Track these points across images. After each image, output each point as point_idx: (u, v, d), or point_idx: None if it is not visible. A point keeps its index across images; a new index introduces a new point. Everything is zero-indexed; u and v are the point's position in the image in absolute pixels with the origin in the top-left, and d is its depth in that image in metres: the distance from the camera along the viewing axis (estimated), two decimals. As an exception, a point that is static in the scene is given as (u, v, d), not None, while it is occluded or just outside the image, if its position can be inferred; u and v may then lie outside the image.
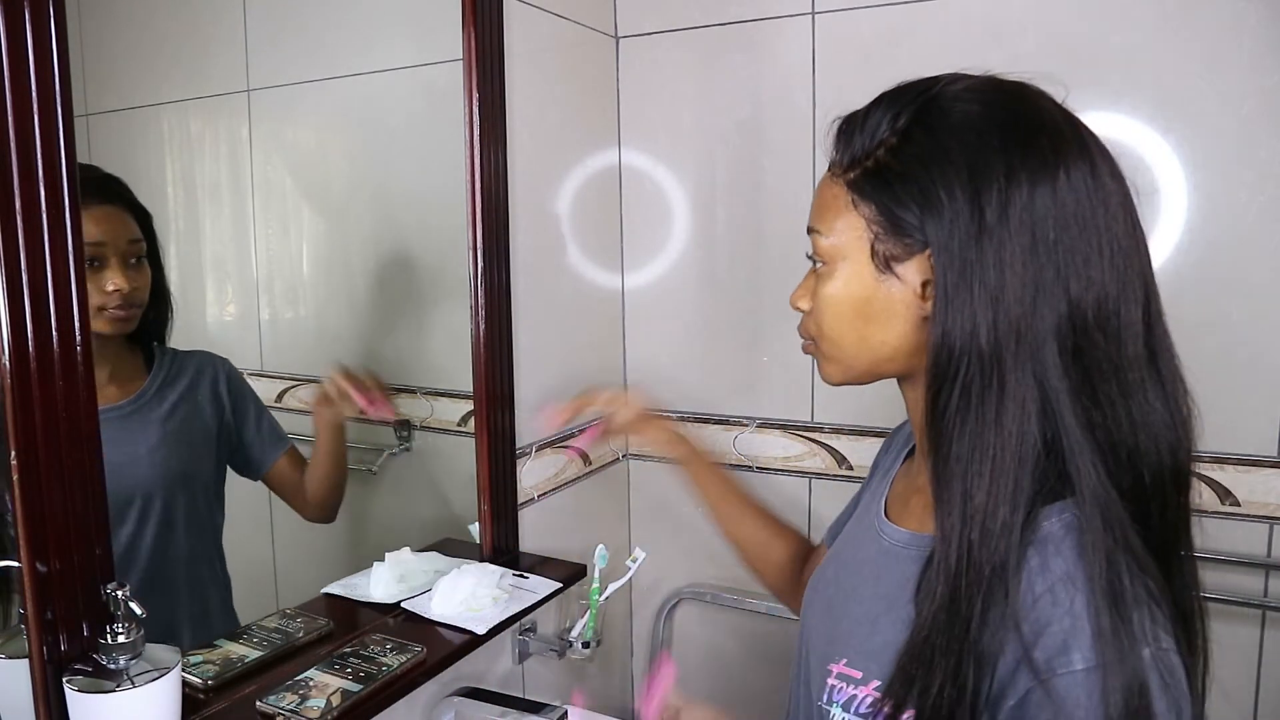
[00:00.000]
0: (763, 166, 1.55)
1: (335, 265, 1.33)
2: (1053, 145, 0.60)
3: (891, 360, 0.68)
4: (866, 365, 0.70)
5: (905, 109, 0.64)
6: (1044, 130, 0.61)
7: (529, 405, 1.40)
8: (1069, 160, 0.60)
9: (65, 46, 0.74)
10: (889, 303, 0.66)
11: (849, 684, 0.69)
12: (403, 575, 1.17)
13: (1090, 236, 0.60)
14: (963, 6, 1.37)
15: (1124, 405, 0.60)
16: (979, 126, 0.61)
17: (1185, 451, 0.62)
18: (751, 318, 1.58)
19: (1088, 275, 0.59)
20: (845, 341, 0.69)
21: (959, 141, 0.61)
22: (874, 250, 0.65)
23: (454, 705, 1.18)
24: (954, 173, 0.61)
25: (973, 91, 0.63)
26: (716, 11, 1.55)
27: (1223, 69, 1.24)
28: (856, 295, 0.67)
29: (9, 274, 0.72)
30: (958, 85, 0.64)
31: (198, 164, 1.14)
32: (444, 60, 1.25)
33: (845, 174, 0.67)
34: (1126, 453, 0.60)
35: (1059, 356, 0.59)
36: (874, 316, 0.67)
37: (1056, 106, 0.64)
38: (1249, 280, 1.26)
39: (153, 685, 0.77)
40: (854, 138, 0.67)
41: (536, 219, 1.43)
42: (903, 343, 0.67)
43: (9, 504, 0.74)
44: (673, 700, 0.80)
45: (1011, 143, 0.60)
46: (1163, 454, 0.61)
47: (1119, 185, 0.62)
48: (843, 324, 0.69)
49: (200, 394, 1.06)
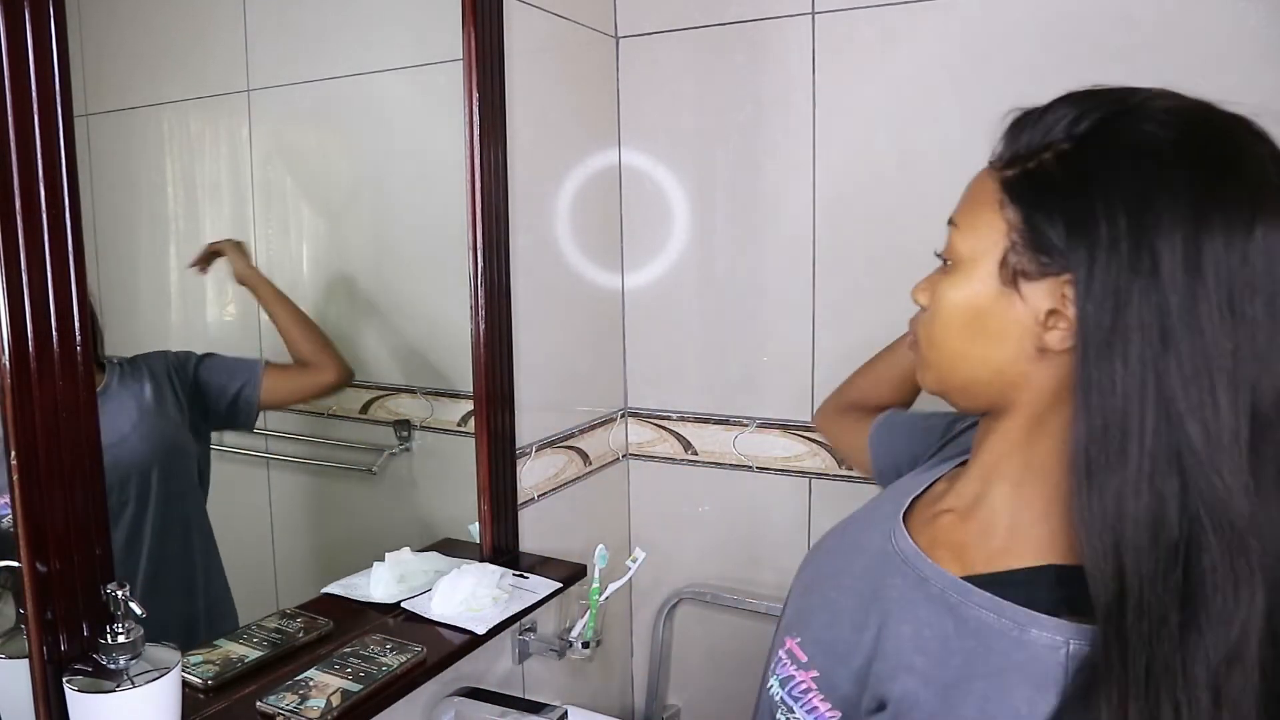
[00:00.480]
0: (763, 166, 1.55)
1: (335, 265, 1.33)
2: (1250, 195, 0.52)
3: (989, 385, 0.62)
4: (962, 382, 0.64)
5: (1089, 114, 0.57)
6: (1244, 176, 0.53)
7: (529, 405, 1.40)
8: (1268, 217, 0.51)
9: (65, 46, 0.74)
10: (1004, 321, 0.59)
11: (793, 663, 0.69)
12: (403, 575, 1.17)
13: (1277, 311, 0.51)
14: (963, 7, 1.36)
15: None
16: (1166, 155, 0.53)
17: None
18: (751, 318, 1.58)
19: (1271, 356, 0.50)
20: (947, 350, 0.64)
21: (1135, 164, 0.54)
22: (1005, 260, 0.59)
23: (454, 705, 1.18)
24: (1120, 198, 0.53)
25: (1174, 114, 0.56)
26: (716, 11, 1.55)
27: (1223, 69, 1.23)
28: (973, 304, 0.61)
29: (9, 274, 0.72)
30: (1161, 102, 0.57)
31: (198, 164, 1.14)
32: (444, 60, 1.25)
33: (1003, 170, 0.61)
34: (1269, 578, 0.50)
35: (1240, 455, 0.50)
36: (984, 332, 0.61)
37: (1270, 151, 0.55)
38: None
39: (153, 685, 0.77)
40: (1023, 133, 0.61)
41: (536, 219, 1.43)
42: (1007, 368, 0.60)
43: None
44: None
45: (1200, 182, 0.52)
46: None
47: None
48: (950, 332, 0.63)
49: (155, 390, 1.06)
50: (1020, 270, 0.58)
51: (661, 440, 1.69)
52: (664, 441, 1.69)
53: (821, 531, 1.02)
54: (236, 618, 1.09)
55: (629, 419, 1.72)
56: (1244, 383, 0.50)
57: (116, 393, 1.01)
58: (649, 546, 1.31)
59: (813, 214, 1.51)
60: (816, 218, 1.51)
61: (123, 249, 1.07)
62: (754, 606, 1.61)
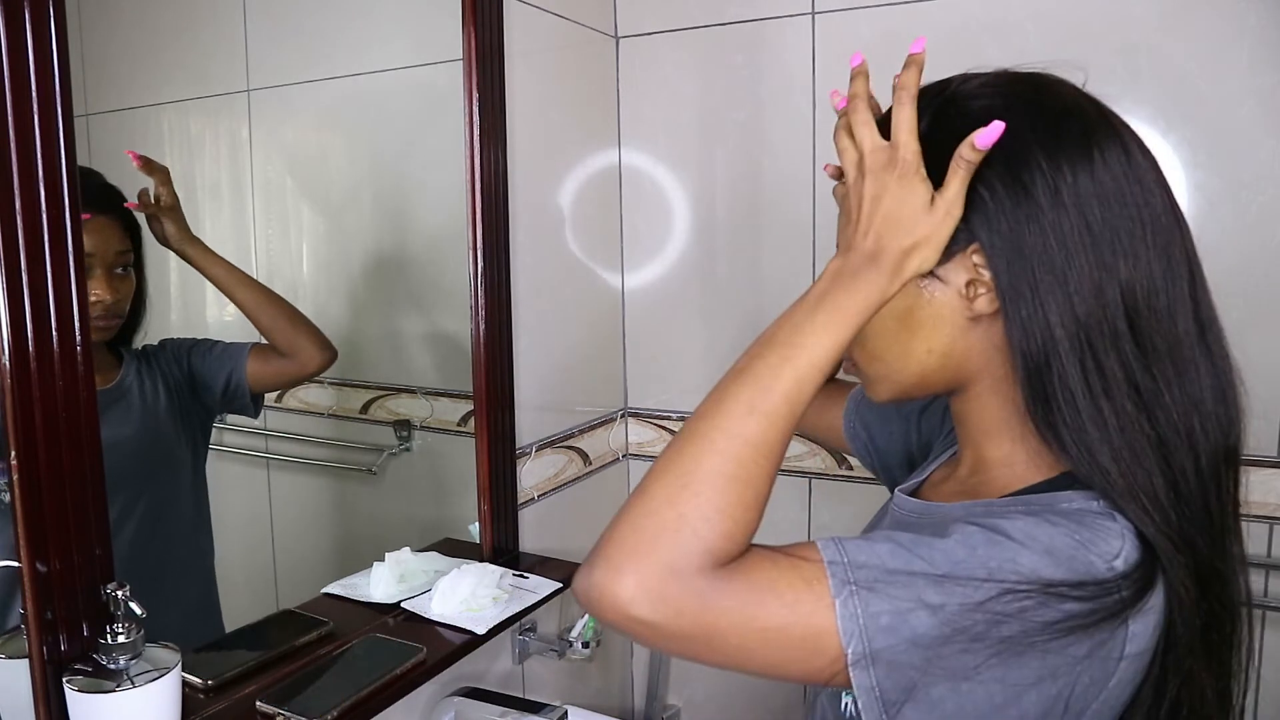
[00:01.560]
0: (763, 166, 1.55)
1: (335, 265, 1.33)
2: (1082, 128, 0.60)
3: (941, 370, 0.65)
4: (915, 379, 0.67)
5: (922, 114, 0.62)
6: (1070, 114, 0.61)
7: (529, 405, 1.40)
8: (1100, 141, 0.60)
9: (65, 47, 0.74)
10: (932, 308, 0.63)
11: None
12: (403, 575, 1.17)
13: (1132, 213, 0.59)
14: (963, 7, 1.37)
15: (1179, 384, 0.60)
16: (1004, 116, 0.59)
17: (1238, 431, 0.63)
18: (751, 318, 1.58)
19: (1134, 253, 0.59)
20: (890, 356, 0.66)
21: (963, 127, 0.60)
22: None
23: (454, 705, 1.18)
24: (986, 165, 0.59)
25: (989, 86, 0.63)
26: (716, 11, 1.55)
27: (1223, 69, 1.24)
28: (896, 307, 0.64)
29: (9, 274, 0.72)
30: (972, 83, 0.64)
31: (198, 164, 1.14)
32: (444, 60, 1.25)
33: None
34: (1185, 434, 0.60)
35: (1128, 337, 0.58)
36: (918, 326, 0.64)
37: (1077, 90, 0.63)
38: (1249, 280, 1.25)
39: (153, 685, 0.77)
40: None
41: (536, 219, 1.43)
42: (951, 348, 0.64)
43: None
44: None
45: (1041, 129, 0.60)
46: (1214, 434, 0.61)
47: (1150, 162, 0.61)
48: (885, 339, 0.66)
49: (165, 380, 1.06)
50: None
51: (661, 440, 1.69)
52: (664, 441, 1.69)
53: (822, 531, 1.02)
54: (221, 615, 1.08)
55: (629, 419, 1.72)
56: (1115, 278, 0.59)
57: (132, 385, 1.01)
58: (649, 546, 1.30)
59: (813, 214, 1.51)
60: (816, 218, 1.50)
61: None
62: (754, 606, 1.61)
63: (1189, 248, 0.61)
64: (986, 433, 0.67)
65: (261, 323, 1.11)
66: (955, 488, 0.71)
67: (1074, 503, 0.60)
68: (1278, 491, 1.27)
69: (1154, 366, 0.59)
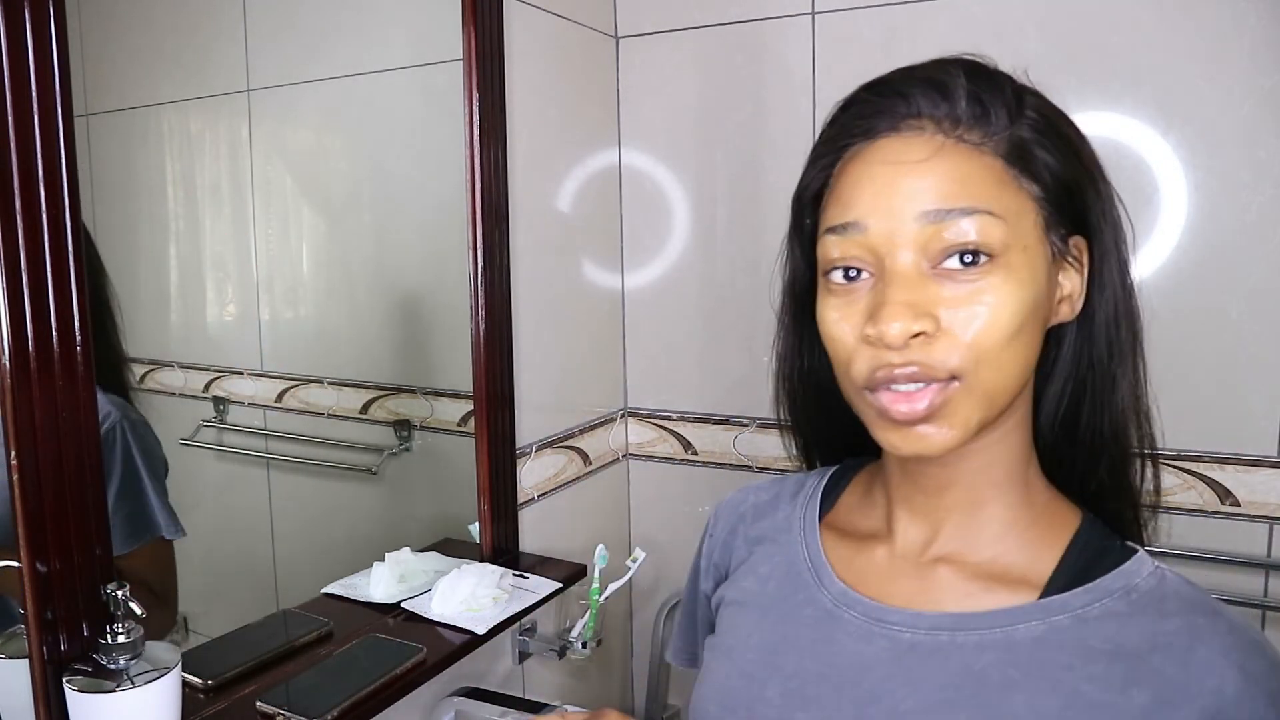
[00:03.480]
0: (763, 167, 1.55)
1: (335, 265, 1.33)
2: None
3: (1012, 395, 0.54)
4: (1004, 405, 0.53)
5: (1009, 84, 0.55)
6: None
7: (529, 405, 1.40)
8: None
9: (65, 47, 0.74)
10: (1048, 308, 0.54)
11: None
12: (403, 575, 1.17)
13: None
14: (964, 6, 1.37)
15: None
16: (1067, 118, 0.57)
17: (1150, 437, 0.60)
18: (751, 318, 1.58)
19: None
20: (1012, 370, 0.52)
21: (1071, 125, 0.56)
22: (1045, 241, 0.53)
23: (454, 705, 1.18)
24: (1088, 155, 0.56)
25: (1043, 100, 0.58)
26: (716, 11, 1.55)
27: (1223, 69, 1.23)
28: (1034, 299, 0.52)
29: (9, 274, 0.72)
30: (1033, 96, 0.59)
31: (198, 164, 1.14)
32: (444, 60, 1.25)
33: (996, 143, 0.52)
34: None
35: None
36: (1034, 330, 0.53)
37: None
38: (1249, 280, 1.25)
39: (153, 685, 0.77)
40: (997, 102, 0.53)
41: (536, 219, 1.43)
42: (1031, 365, 0.54)
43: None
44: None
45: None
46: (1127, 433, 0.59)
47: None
48: (1018, 344, 0.52)
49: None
50: (1056, 247, 0.54)
51: (661, 440, 1.69)
52: (664, 441, 1.69)
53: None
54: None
55: (629, 419, 1.72)
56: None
57: None
58: (649, 546, 1.30)
59: (813, 214, 1.51)
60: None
61: (122, 249, 1.06)
62: (754, 606, 1.61)
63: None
64: (997, 488, 0.57)
65: None
66: (954, 573, 0.57)
67: (1153, 572, 0.55)
68: (1278, 491, 1.27)
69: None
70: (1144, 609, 0.52)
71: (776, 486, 0.72)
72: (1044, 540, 0.57)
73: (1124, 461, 0.59)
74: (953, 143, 0.52)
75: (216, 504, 1.10)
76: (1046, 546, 0.56)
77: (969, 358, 0.50)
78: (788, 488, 0.71)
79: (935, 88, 0.53)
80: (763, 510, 0.71)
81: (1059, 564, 0.55)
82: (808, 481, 0.70)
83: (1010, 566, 0.56)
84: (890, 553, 0.60)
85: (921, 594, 0.57)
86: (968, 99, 0.53)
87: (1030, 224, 0.52)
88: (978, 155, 0.52)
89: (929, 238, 0.51)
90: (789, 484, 0.72)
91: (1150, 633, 0.51)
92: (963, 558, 0.57)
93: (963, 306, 0.50)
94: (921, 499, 0.59)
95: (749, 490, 0.74)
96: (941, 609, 0.56)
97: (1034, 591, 0.55)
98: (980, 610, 0.55)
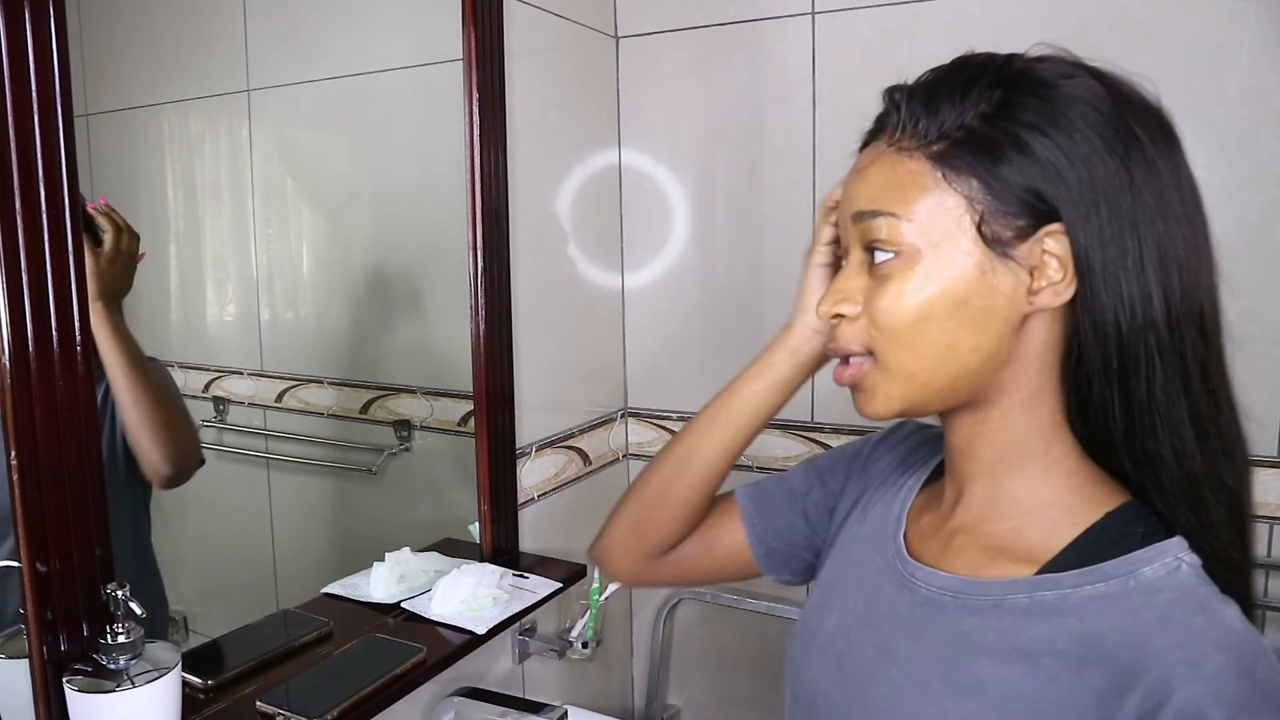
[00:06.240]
0: (763, 166, 1.55)
1: (335, 265, 1.33)
2: (1165, 119, 0.57)
3: (976, 375, 0.57)
4: (945, 382, 0.57)
5: (990, 76, 0.56)
6: (1155, 105, 0.57)
7: (529, 405, 1.40)
8: (1176, 137, 0.57)
9: (65, 47, 0.74)
10: (991, 298, 0.55)
11: None
12: (403, 575, 1.17)
13: (1205, 215, 0.57)
14: (964, 6, 1.37)
15: (1231, 402, 0.59)
16: (1093, 92, 0.55)
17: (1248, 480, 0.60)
18: (751, 318, 1.58)
19: (1209, 253, 0.56)
20: (929, 352, 0.57)
21: (1076, 106, 0.54)
22: (981, 233, 0.55)
23: (454, 705, 1.18)
24: (1081, 137, 0.54)
25: (1063, 64, 0.57)
26: (716, 11, 1.55)
27: (1223, 69, 1.24)
28: (954, 290, 0.55)
29: (9, 274, 0.72)
30: (1048, 62, 0.58)
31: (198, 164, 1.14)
32: (444, 60, 1.25)
33: (926, 147, 0.56)
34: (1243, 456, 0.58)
35: (1206, 337, 0.55)
36: (970, 318, 0.56)
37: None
38: (1249, 280, 1.25)
39: (153, 685, 0.77)
40: (940, 106, 0.56)
41: (536, 219, 1.43)
42: (998, 350, 0.56)
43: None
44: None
45: (1131, 110, 0.55)
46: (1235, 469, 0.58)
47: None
48: (928, 329, 0.56)
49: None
50: (999, 239, 0.55)
51: (661, 440, 1.69)
52: (664, 441, 1.69)
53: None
54: (168, 606, 1.01)
55: (629, 419, 1.72)
56: (1209, 267, 0.56)
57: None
58: (649, 546, 1.30)
59: (813, 214, 1.51)
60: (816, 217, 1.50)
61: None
62: (754, 607, 1.61)
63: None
64: (1009, 463, 0.60)
65: (126, 419, 0.94)
66: (969, 541, 0.61)
67: (1168, 564, 0.54)
68: (1278, 491, 1.27)
69: (1221, 375, 0.57)
70: (1134, 596, 0.53)
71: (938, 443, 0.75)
72: (1067, 520, 0.58)
73: (1188, 480, 0.57)
74: (891, 151, 0.58)
75: (216, 504, 1.10)
76: (1067, 526, 0.58)
77: (876, 338, 0.58)
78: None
79: (897, 96, 0.59)
80: (911, 459, 0.75)
81: (1070, 544, 0.57)
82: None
83: (1022, 540, 0.59)
84: (935, 515, 0.66)
85: (943, 556, 0.63)
86: (909, 107, 0.58)
87: (951, 221, 0.55)
88: (905, 160, 0.57)
89: (861, 235, 0.59)
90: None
91: (1126, 619, 0.53)
92: (980, 527, 0.61)
93: (875, 295, 0.58)
94: (951, 462, 0.64)
95: (925, 438, 0.76)
96: (955, 572, 0.61)
97: (1035, 567, 0.57)
98: (984, 578, 0.59)
